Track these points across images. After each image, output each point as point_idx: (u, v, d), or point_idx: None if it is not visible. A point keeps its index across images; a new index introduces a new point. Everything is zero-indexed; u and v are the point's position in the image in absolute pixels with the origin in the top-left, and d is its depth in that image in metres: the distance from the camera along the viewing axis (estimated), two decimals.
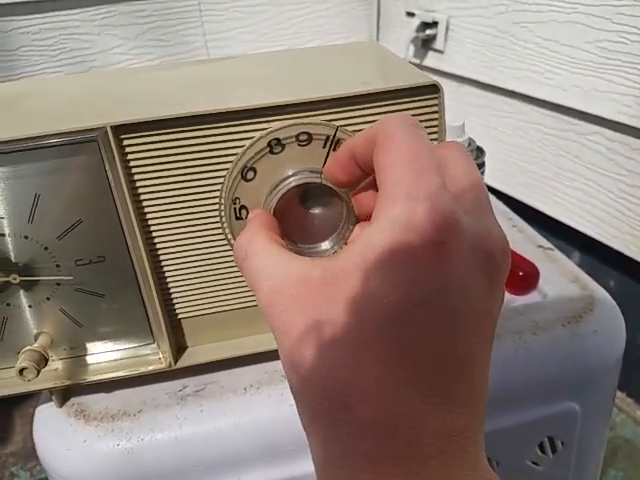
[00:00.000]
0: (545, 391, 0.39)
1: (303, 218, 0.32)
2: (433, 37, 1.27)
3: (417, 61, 1.33)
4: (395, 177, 0.19)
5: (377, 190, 0.25)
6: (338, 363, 0.18)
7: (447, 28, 1.23)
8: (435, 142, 0.32)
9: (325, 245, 0.32)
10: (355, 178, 0.24)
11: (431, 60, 1.30)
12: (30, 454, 1.07)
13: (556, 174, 1.07)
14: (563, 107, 1.01)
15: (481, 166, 0.38)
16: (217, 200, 0.31)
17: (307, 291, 0.19)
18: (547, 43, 1.01)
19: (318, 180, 0.30)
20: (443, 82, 0.31)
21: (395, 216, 0.18)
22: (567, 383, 0.39)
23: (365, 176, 0.24)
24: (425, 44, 1.30)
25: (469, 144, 0.38)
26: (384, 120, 0.21)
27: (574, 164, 1.03)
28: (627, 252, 0.98)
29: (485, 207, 0.21)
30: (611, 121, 0.92)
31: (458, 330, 0.18)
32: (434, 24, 1.25)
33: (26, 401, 1.17)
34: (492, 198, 0.55)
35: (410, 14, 1.32)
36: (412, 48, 1.33)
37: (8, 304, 0.32)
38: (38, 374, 0.31)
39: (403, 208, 0.18)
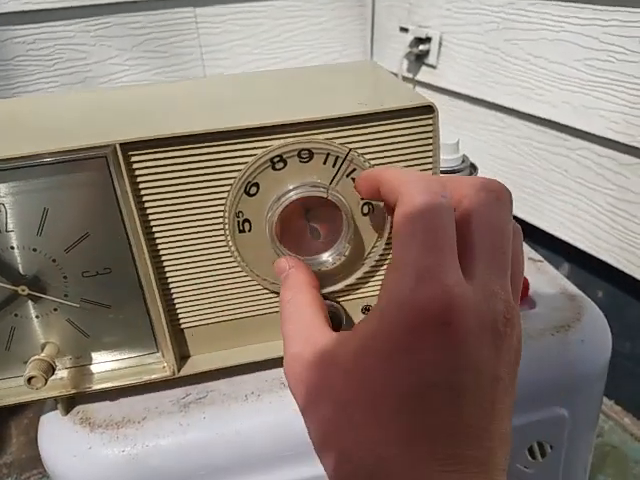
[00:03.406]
0: (535, 397, 0.40)
1: (304, 230, 0.33)
2: (426, 52, 1.29)
3: (410, 75, 1.36)
4: (405, 252, 0.20)
5: None
6: (362, 443, 0.19)
7: (440, 44, 1.26)
8: (430, 160, 0.33)
9: (324, 257, 0.34)
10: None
11: (424, 75, 1.33)
12: (25, 465, 1.06)
13: (546, 188, 1.10)
14: (552, 122, 1.04)
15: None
16: (221, 214, 0.33)
17: (328, 369, 0.21)
18: (537, 60, 1.03)
19: (320, 194, 0.32)
20: (436, 97, 0.32)
21: (400, 297, 0.19)
22: (556, 390, 0.41)
23: None
24: (418, 59, 1.33)
25: (463, 161, 0.40)
26: (408, 180, 0.22)
27: (564, 178, 1.05)
28: (615, 264, 1.01)
29: (495, 270, 0.21)
30: (600, 137, 0.95)
31: (469, 402, 0.19)
32: (427, 40, 1.28)
33: (22, 412, 1.17)
34: None
35: (404, 29, 1.35)
36: (405, 63, 1.36)
37: (16, 314, 0.33)
38: (46, 383, 0.32)
39: (408, 288, 0.19)
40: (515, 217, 0.24)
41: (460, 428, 0.19)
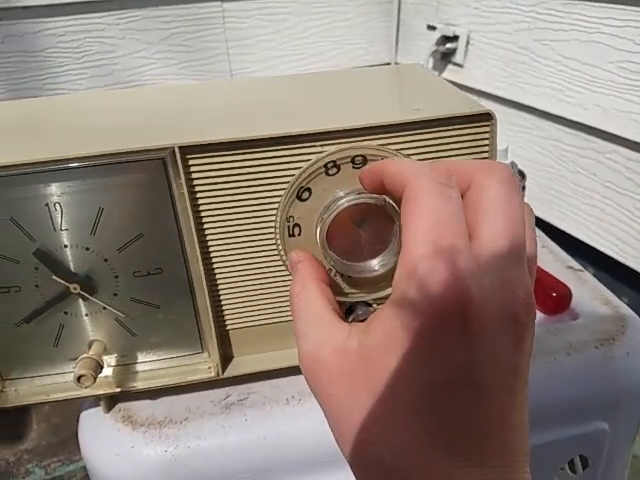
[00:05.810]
0: (577, 411, 0.40)
1: (353, 237, 0.33)
2: (453, 51, 1.28)
3: (436, 74, 1.34)
4: (416, 245, 0.19)
5: None
6: (381, 437, 0.19)
7: (467, 42, 1.25)
8: None
9: (373, 265, 0.33)
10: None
11: (450, 73, 1.32)
12: (45, 451, 1.08)
13: (573, 191, 1.08)
14: (582, 125, 1.02)
15: (521, 190, 0.39)
16: (272, 218, 0.32)
17: (347, 366, 0.21)
18: (568, 61, 1.02)
19: (371, 201, 0.31)
20: None
21: (413, 292, 0.18)
22: (599, 404, 0.40)
23: None
24: (444, 57, 1.32)
25: (511, 167, 0.39)
26: (415, 174, 0.21)
27: (592, 182, 1.04)
28: None
29: (513, 256, 0.20)
30: (631, 141, 0.93)
31: (487, 396, 0.19)
32: (454, 38, 1.27)
33: None
34: None
35: (431, 27, 1.33)
36: (431, 61, 1.35)
37: (66, 312, 0.34)
38: (95, 381, 0.33)
39: (421, 282, 0.18)
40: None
41: (480, 423, 0.19)
